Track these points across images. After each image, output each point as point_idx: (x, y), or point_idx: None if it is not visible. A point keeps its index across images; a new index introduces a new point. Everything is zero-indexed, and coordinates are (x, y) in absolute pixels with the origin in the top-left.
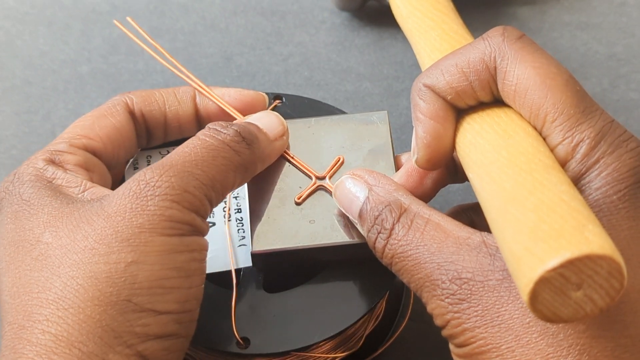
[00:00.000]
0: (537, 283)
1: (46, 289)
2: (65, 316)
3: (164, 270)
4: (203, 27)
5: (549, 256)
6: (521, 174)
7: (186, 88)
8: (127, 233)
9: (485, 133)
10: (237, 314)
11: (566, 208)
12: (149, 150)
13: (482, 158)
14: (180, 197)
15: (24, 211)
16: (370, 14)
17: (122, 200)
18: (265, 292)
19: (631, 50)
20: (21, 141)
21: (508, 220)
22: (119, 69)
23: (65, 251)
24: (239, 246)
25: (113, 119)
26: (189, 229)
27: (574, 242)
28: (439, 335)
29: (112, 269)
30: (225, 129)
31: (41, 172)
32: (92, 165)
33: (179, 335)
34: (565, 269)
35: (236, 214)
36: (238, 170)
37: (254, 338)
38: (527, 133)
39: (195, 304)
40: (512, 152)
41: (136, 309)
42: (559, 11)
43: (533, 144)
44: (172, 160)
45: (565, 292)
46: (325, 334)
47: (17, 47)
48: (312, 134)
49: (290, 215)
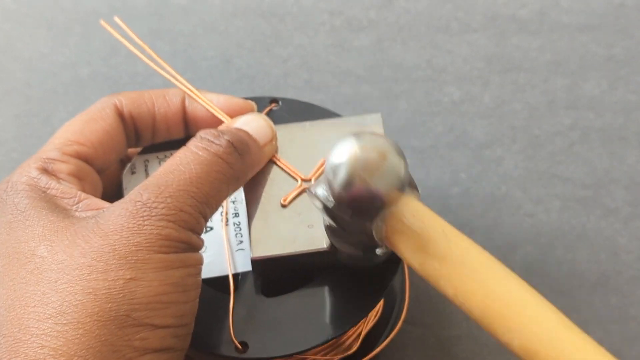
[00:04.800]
0: None
1: (43, 304)
2: (65, 331)
3: (162, 286)
4: (203, 30)
5: None
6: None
7: (175, 90)
8: (125, 251)
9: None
10: (235, 318)
11: None
12: (147, 154)
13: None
14: (176, 217)
15: (18, 222)
16: (370, 18)
17: (119, 219)
18: (263, 296)
19: (630, 51)
20: (21, 144)
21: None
22: (119, 72)
23: (63, 267)
24: (237, 251)
25: (103, 122)
26: (185, 246)
27: None
28: (435, 337)
29: (110, 286)
30: (218, 139)
31: (35, 181)
32: (84, 174)
33: (176, 349)
34: None
35: (234, 218)
36: (230, 182)
37: (252, 342)
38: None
39: (191, 317)
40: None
41: (135, 323)
42: (558, 13)
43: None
44: (167, 179)
45: None
46: (323, 337)
47: (17, 49)
48: (307, 137)
49: (288, 220)
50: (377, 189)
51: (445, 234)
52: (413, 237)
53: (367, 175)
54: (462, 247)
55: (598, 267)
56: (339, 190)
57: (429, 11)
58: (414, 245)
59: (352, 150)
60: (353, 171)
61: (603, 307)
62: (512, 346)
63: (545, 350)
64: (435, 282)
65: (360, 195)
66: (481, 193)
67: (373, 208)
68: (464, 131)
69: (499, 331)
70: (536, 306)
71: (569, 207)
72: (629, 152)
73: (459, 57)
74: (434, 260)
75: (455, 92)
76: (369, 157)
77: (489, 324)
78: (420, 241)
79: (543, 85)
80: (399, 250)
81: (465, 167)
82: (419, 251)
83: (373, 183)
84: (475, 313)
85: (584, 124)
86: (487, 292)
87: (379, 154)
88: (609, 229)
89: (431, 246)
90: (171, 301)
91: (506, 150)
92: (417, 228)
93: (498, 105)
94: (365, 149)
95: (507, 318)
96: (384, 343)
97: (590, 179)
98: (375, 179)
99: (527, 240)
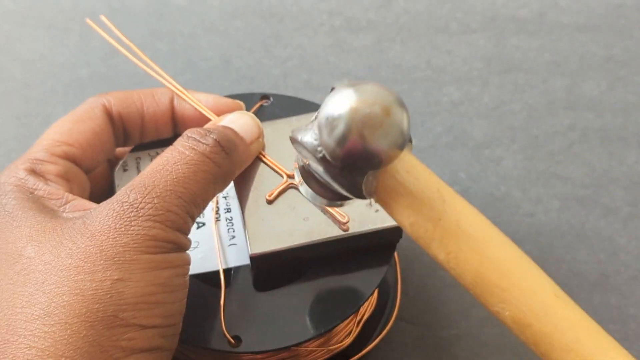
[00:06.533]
0: None
1: (31, 305)
2: (53, 332)
3: (149, 287)
4: (202, 30)
5: None
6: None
7: (164, 90)
8: (112, 252)
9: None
10: (229, 312)
11: None
12: (139, 152)
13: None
14: (163, 217)
15: (6, 223)
16: (369, 19)
17: (106, 220)
18: (256, 290)
19: (629, 52)
20: (21, 144)
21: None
22: (118, 72)
23: (50, 268)
24: (230, 245)
25: (92, 122)
26: (172, 246)
27: None
28: (434, 336)
29: (98, 286)
30: (204, 138)
31: (23, 182)
32: (72, 176)
33: (164, 349)
34: None
35: (226, 213)
36: (217, 181)
37: (245, 336)
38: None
39: (179, 317)
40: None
41: (122, 324)
42: (558, 13)
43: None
44: (154, 179)
45: None
46: (317, 330)
47: (16, 50)
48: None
49: (283, 215)
50: (377, 148)
51: (440, 194)
52: (405, 195)
53: (368, 132)
54: (458, 209)
55: (597, 267)
56: (333, 145)
57: (428, 11)
58: (405, 204)
59: (353, 102)
60: (352, 126)
61: (602, 306)
62: (502, 317)
63: (539, 324)
64: (425, 245)
65: (357, 153)
66: (480, 193)
67: (369, 166)
68: (463, 131)
69: (490, 301)
70: (532, 277)
71: (568, 207)
72: (628, 152)
73: (458, 58)
74: (427, 222)
75: (454, 92)
76: (372, 112)
77: (480, 293)
78: (413, 200)
79: (542, 85)
80: (389, 208)
81: (464, 167)
82: (410, 211)
83: (373, 141)
84: (467, 280)
85: (583, 124)
86: (481, 259)
87: (383, 108)
88: (608, 228)
89: (425, 206)
90: (159, 301)
91: (505, 150)
92: (410, 185)
93: (497, 106)
94: (366, 102)
95: (501, 288)
96: (379, 337)
97: (589, 179)
98: (376, 137)
99: (527, 240)
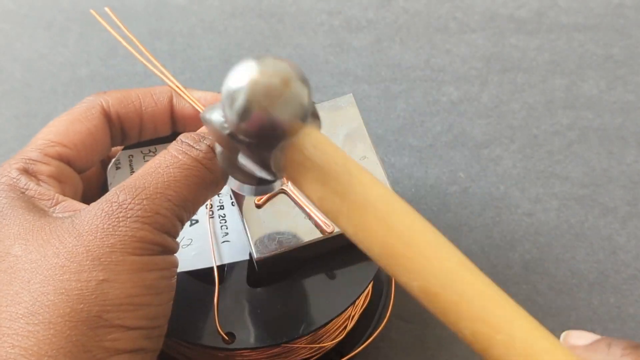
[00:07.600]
0: None
1: (15, 303)
2: (36, 331)
3: (134, 288)
4: (202, 30)
5: None
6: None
7: (163, 88)
8: (99, 252)
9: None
10: (222, 309)
11: None
12: (131, 149)
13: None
14: (151, 220)
15: None
16: (369, 18)
17: (94, 220)
18: (250, 287)
19: (628, 52)
20: (21, 144)
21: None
22: (118, 72)
23: (36, 266)
24: (223, 242)
25: (88, 123)
26: (160, 249)
27: None
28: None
29: (83, 287)
30: (198, 144)
31: (14, 181)
32: (64, 177)
33: (148, 350)
34: None
35: (219, 210)
36: (209, 186)
37: (239, 333)
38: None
39: (164, 319)
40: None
41: (106, 324)
42: (557, 13)
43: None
44: (145, 181)
45: None
46: (310, 326)
47: (16, 49)
48: None
49: (284, 215)
50: (278, 118)
51: (347, 168)
52: (313, 169)
53: (268, 103)
54: (364, 182)
55: (596, 266)
56: (235, 118)
57: (428, 11)
58: (313, 179)
59: (252, 74)
60: (252, 98)
61: (601, 305)
62: (411, 287)
63: (445, 293)
64: (334, 219)
65: (260, 125)
66: (480, 192)
67: (273, 138)
68: (463, 131)
69: (397, 271)
70: (437, 246)
71: (568, 207)
72: (627, 151)
73: (458, 57)
74: (335, 196)
75: (453, 91)
76: (271, 83)
77: (388, 264)
78: (321, 174)
79: (541, 85)
80: (298, 183)
81: (463, 167)
82: (318, 185)
83: (274, 111)
84: (375, 252)
85: (582, 123)
86: (387, 231)
87: (282, 79)
88: (607, 228)
89: (332, 180)
90: (143, 303)
91: (505, 150)
92: (317, 160)
93: (496, 105)
94: (266, 74)
95: (407, 257)
96: (373, 335)
97: (588, 178)
98: (277, 108)
99: (526, 239)
